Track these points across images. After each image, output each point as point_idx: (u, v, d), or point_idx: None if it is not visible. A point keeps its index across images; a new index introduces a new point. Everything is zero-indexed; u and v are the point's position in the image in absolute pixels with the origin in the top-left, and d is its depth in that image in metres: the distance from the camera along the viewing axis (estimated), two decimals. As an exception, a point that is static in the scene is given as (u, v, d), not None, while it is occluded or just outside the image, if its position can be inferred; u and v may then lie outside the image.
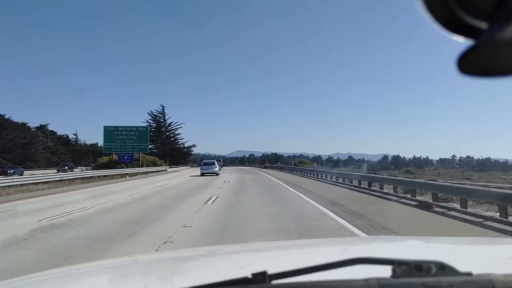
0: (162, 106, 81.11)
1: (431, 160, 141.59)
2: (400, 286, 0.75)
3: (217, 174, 33.23)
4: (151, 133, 71.32)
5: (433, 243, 1.82)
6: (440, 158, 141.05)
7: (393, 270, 0.77)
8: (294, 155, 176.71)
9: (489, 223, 7.89)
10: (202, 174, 33.02)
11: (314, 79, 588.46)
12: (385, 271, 0.78)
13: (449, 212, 9.41)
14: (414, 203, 11.25)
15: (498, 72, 0.45)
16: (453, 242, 1.98)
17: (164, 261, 1.66)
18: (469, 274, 0.78)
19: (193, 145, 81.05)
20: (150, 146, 76.16)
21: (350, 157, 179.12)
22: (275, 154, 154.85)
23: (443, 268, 0.77)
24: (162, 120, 79.12)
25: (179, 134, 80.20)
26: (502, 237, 6.27)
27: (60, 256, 5.32)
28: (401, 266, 0.77)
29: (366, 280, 0.75)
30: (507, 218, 7.82)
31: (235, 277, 0.79)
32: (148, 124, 76.11)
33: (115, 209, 10.71)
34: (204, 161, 39.20)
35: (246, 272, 0.79)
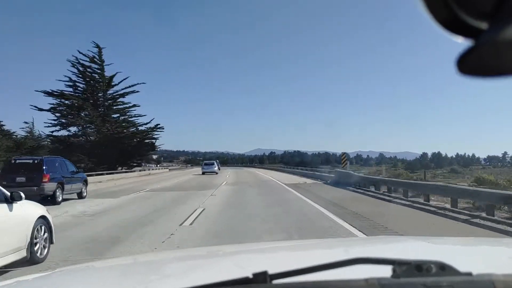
0: (97, 45, 35.07)
1: (478, 157, 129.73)
2: (401, 286, 0.75)
3: (216, 173, 36.07)
4: (74, 102, 33.55)
5: (434, 243, 1.82)
6: (488, 156, 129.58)
7: (394, 270, 0.77)
8: (319, 153, 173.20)
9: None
10: (203, 173, 36.05)
11: (326, 73, 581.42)
12: (386, 271, 0.78)
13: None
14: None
15: (499, 73, 0.45)
16: (453, 242, 1.98)
17: (165, 261, 1.66)
18: (469, 274, 0.78)
19: (157, 127, 37.84)
20: (72, 129, 33.95)
21: (381, 155, 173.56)
22: (298, 151, 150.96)
23: (443, 268, 0.77)
24: (97, 76, 35.12)
25: (132, 107, 37.10)
26: (502, 237, 6.23)
27: None
28: (401, 266, 0.78)
29: (366, 280, 0.75)
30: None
31: (236, 277, 0.79)
32: (70, 83, 34.49)
33: None
34: (205, 161, 43.02)
35: (247, 272, 0.79)
